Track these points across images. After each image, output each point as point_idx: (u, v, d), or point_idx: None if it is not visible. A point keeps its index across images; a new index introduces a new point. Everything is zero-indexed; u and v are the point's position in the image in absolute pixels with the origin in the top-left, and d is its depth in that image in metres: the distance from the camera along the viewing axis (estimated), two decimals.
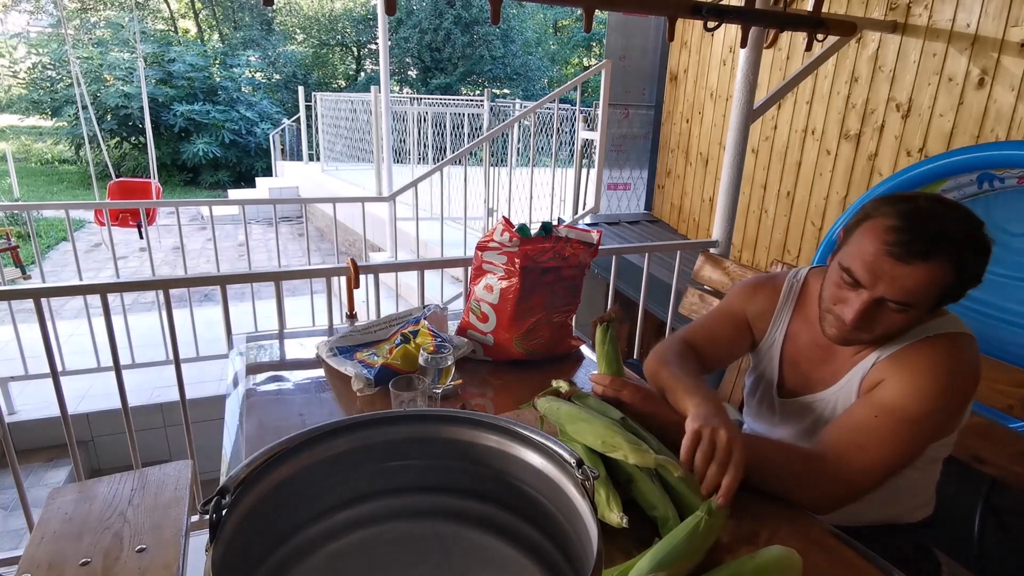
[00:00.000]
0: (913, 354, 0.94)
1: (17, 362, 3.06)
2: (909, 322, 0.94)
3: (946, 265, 0.87)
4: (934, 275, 0.87)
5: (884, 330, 0.95)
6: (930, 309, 0.93)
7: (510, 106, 9.02)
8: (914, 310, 0.91)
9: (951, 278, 0.88)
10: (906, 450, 0.91)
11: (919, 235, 0.87)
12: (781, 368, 1.15)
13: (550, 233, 1.37)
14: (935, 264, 0.87)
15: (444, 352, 1.15)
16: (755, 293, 1.21)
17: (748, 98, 2.11)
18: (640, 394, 1.03)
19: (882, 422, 0.91)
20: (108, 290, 1.69)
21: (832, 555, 0.82)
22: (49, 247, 7.95)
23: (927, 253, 0.87)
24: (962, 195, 2.17)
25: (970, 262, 0.89)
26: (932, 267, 0.87)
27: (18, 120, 17.37)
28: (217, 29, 19.14)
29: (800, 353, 1.12)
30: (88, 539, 1.21)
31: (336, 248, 3.72)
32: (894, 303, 0.90)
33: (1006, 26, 2.14)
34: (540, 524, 0.67)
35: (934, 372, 0.91)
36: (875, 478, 0.91)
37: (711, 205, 3.80)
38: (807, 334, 1.11)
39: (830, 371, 1.07)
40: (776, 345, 1.16)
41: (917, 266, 0.87)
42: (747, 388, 1.26)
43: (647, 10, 1.81)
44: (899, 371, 0.94)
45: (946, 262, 0.87)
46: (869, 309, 0.92)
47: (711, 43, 3.74)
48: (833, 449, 0.92)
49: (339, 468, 0.67)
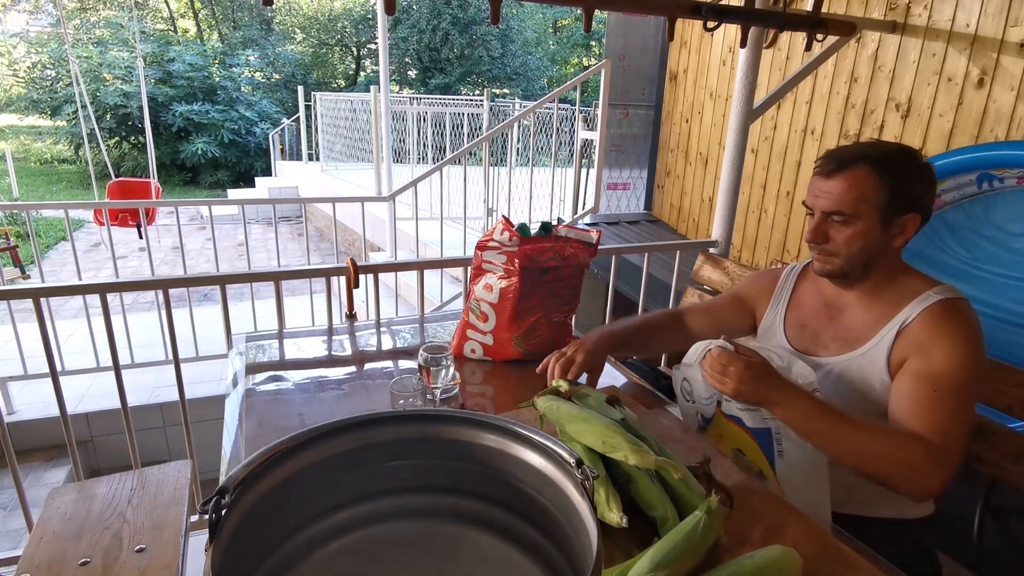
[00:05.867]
0: (939, 321, 1.00)
1: (16, 362, 3.05)
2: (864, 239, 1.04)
3: (867, 172, 1.01)
4: (856, 182, 1.02)
5: (842, 249, 1.06)
6: (883, 222, 1.03)
7: (509, 106, 9.02)
8: (857, 221, 1.03)
9: (878, 184, 1.01)
10: (970, 416, 0.98)
11: (837, 154, 1.05)
12: (786, 332, 1.22)
13: (550, 233, 1.37)
14: (854, 173, 1.02)
15: (444, 352, 1.14)
16: (759, 277, 1.35)
17: (748, 98, 2.11)
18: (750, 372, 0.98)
19: (946, 396, 0.96)
20: (107, 290, 1.69)
21: (832, 554, 0.82)
22: (48, 247, 7.94)
23: (844, 166, 1.03)
24: (962, 195, 2.17)
25: (895, 169, 1.01)
26: (852, 175, 1.02)
27: (17, 120, 17.37)
28: (216, 29, 19.13)
29: (806, 315, 1.20)
30: (87, 539, 1.20)
31: (336, 248, 3.72)
32: (834, 215, 1.05)
33: (1005, 26, 2.14)
34: (540, 524, 0.67)
35: (963, 338, 0.98)
36: (962, 455, 0.96)
37: (711, 205, 3.80)
38: (814, 298, 1.20)
39: (843, 328, 1.12)
40: (779, 316, 1.25)
41: (838, 177, 1.04)
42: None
43: (647, 10, 1.80)
44: (934, 341, 0.99)
45: (866, 170, 1.02)
46: (819, 226, 1.07)
47: (711, 43, 3.74)
48: (930, 434, 0.94)
49: (339, 468, 0.67)
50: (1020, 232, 2.02)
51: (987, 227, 2.11)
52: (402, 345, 1.58)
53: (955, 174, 2.11)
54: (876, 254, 1.06)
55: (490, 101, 7.53)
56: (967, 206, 2.17)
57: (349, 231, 6.65)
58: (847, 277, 1.10)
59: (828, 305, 1.16)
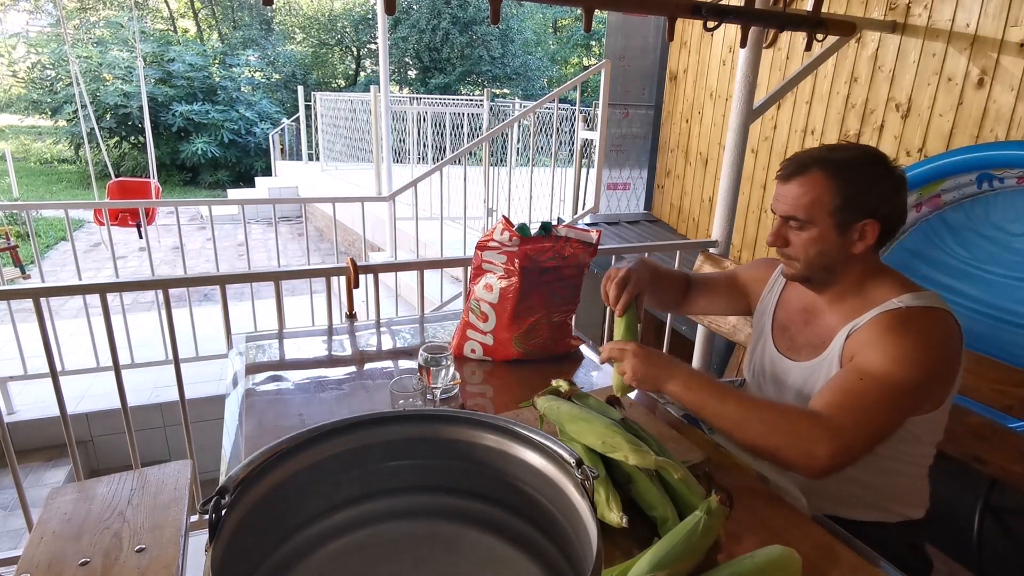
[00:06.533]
0: (884, 325, 0.98)
1: (16, 362, 3.05)
2: (820, 244, 1.04)
3: (821, 177, 1.01)
4: (810, 187, 1.02)
5: (800, 254, 1.06)
6: (838, 227, 1.02)
7: (509, 106, 9.02)
8: (811, 226, 1.03)
9: (831, 189, 1.01)
10: (890, 413, 0.94)
11: (796, 158, 1.06)
12: (773, 330, 1.23)
13: (550, 233, 1.37)
14: (809, 177, 1.02)
15: (444, 352, 1.15)
16: (759, 265, 1.36)
17: (748, 98, 2.11)
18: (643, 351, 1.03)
19: (867, 384, 0.94)
20: (107, 290, 1.69)
21: (831, 554, 0.82)
22: (48, 247, 7.94)
23: (800, 170, 1.04)
24: (962, 195, 2.17)
25: (852, 174, 1.00)
26: (807, 180, 1.02)
27: (17, 120, 17.37)
28: (216, 29, 19.13)
29: (789, 316, 1.21)
30: (87, 539, 1.21)
31: (336, 248, 3.72)
32: (791, 219, 1.05)
33: (1005, 26, 2.14)
34: (540, 524, 0.67)
35: (905, 344, 0.95)
36: (865, 440, 0.92)
37: (711, 205, 3.80)
38: (796, 300, 1.20)
39: (815, 335, 1.12)
40: (769, 310, 1.25)
41: (794, 182, 1.04)
42: (746, 353, 1.34)
43: (647, 10, 1.80)
44: (874, 341, 0.98)
45: (820, 175, 1.01)
46: (779, 230, 1.08)
47: (711, 43, 3.74)
48: (826, 409, 0.94)
49: (339, 468, 0.67)
50: (1020, 232, 2.02)
51: (987, 227, 2.11)
52: (402, 345, 1.58)
53: (955, 174, 2.11)
54: (836, 260, 1.05)
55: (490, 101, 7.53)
56: (967, 206, 2.17)
57: (349, 231, 6.65)
58: (810, 281, 1.10)
59: (805, 310, 1.16)
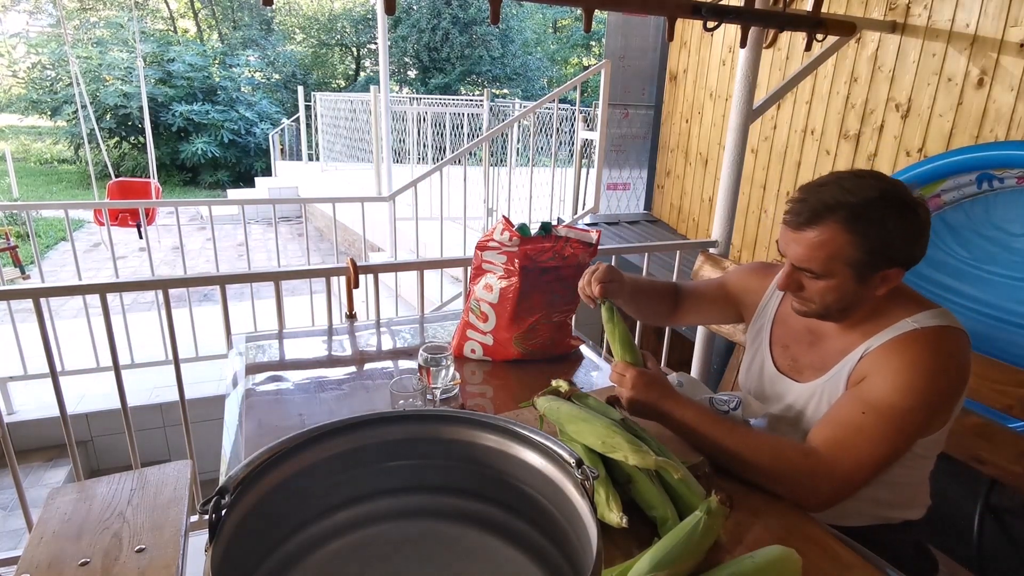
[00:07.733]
0: (899, 348, 0.94)
1: (16, 362, 3.05)
2: (838, 292, 0.95)
3: (838, 230, 0.91)
4: (826, 240, 0.91)
5: (816, 299, 0.98)
6: (859, 279, 0.93)
7: (509, 106, 9.03)
8: (828, 278, 0.94)
9: (851, 242, 0.91)
10: (894, 447, 0.92)
11: (806, 204, 0.93)
12: (771, 348, 1.17)
13: (550, 233, 1.37)
14: (824, 229, 0.91)
15: (444, 352, 1.14)
16: (750, 274, 1.27)
17: (748, 98, 2.11)
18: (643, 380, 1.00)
19: (870, 419, 0.91)
20: (107, 290, 1.69)
21: (831, 555, 0.82)
22: (48, 247, 7.94)
23: (814, 219, 0.92)
24: (962, 195, 2.17)
25: (872, 224, 0.90)
26: (822, 232, 0.92)
27: (17, 120, 17.35)
28: (216, 29, 19.12)
29: (789, 335, 1.15)
30: (87, 539, 1.20)
31: (335, 248, 3.72)
32: (804, 271, 0.96)
33: (1005, 26, 2.14)
34: (540, 524, 0.67)
35: (919, 368, 0.90)
36: (865, 475, 0.91)
37: (711, 205, 3.80)
38: (795, 319, 1.13)
39: (819, 357, 1.07)
40: (766, 327, 1.20)
41: (806, 232, 0.93)
42: (741, 369, 1.28)
43: (647, 10, 1.80)
44: (885, 366, 0.93)
45: (837, 227, 0.91)
46: (790, 276, 0.99)
47: (711, 43, 3.74)
48: (825, 446, 0.92)
49: (339, 468, 0.67)
50: (1020, 232, 2.02)
51: (987, 227, 2.11)
52: (402, 345, 1.58)
53: (955, 174, 2.11)
54: (856, 302, 0.98)
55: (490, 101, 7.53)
56: (967, 206, 2.17)
57: (349, 231, 6.65)
58: (827, 318, 1.03)
59: (810, 330, 1.11)
